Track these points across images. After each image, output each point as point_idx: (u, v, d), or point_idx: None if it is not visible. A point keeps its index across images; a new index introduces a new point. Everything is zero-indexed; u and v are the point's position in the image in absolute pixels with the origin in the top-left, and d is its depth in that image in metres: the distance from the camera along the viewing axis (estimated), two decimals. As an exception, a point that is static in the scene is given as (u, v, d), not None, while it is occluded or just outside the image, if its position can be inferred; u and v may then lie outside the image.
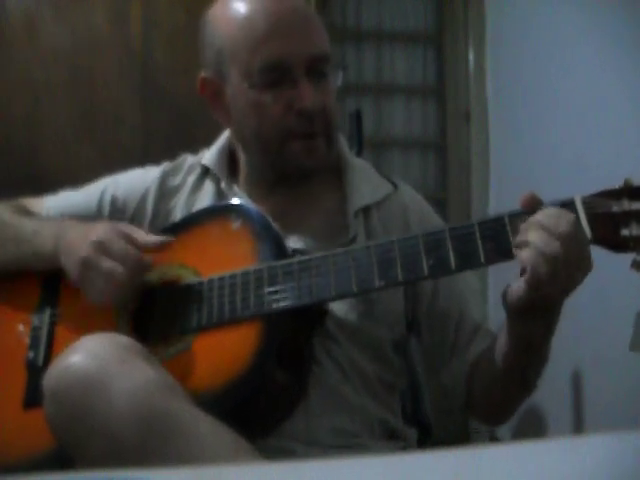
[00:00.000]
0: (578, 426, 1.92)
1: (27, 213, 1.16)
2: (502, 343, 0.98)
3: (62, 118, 2.27)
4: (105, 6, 2.32)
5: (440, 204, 2.71)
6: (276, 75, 1.04)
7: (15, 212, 1.15)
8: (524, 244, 0.85)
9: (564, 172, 2.00)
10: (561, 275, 0.84)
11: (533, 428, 2.19)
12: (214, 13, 1.09)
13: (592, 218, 0.87)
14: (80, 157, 2.23)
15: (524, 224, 0.87)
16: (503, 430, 2.47)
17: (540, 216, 0.86)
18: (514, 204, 0.89)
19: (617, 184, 0.86)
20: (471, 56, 2.79)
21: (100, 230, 1.00)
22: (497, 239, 0.88)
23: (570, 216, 0.85)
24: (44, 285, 1.09)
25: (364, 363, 1.06)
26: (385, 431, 1.07)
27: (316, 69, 1.06)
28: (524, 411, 2.29)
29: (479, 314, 1.13)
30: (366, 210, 1.11)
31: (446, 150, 2.87)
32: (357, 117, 1.88)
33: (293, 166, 1.08)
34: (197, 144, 1.25)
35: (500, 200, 2.59)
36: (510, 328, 0.95)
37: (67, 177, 1.24)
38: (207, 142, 1.24)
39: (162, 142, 2.19)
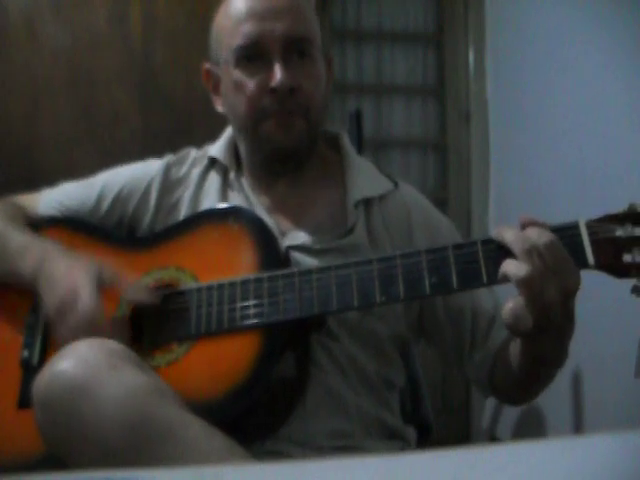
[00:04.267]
0: (578, 426, 1.91)
1: (19, 220, 1.14)
2: (515, 353, 0.96)
3: (62, 118, 2.27)
4: (105, 6, 2.32)
5: (440, 204, 2.70)
6: (252, 54, 1.06)
7: (8, 219, 1.13)
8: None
9: (564, 172, 2.00)
10: (543, 285, 0.81)
11: (533, 428, 2.19)
12: (219, 7, 1.13)
13: (595, 243, 0.85)
14: (80, 157, 2.23)
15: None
16: (503, 430, 2.47)
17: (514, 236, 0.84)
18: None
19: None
20: (471, 56, 2.79)
21: (82, 271, 0.98)
22: (500, 260, 0.86)
23: (548, 233, 0.84)
24: None
25: (364, 360, 1.05)
26: (383, 431, 1.06)
27: (294, 49, 1.06)
28: (524, 411, 2.29)
29: (492, 305, 1.11)
30: (367, 203, 1.11)
31: (446, 150, 2.87)
32: (357, 117, 1.88)
33: (269, 146, 1.08)
34: (197, 144, 1.25)
35: (500, 200, 2.59)
36: (521, 347, 0.93)
37: (67, 177, 1.24)
38: (207, 142, 1.24)
39: (162, 142, 2.18)
